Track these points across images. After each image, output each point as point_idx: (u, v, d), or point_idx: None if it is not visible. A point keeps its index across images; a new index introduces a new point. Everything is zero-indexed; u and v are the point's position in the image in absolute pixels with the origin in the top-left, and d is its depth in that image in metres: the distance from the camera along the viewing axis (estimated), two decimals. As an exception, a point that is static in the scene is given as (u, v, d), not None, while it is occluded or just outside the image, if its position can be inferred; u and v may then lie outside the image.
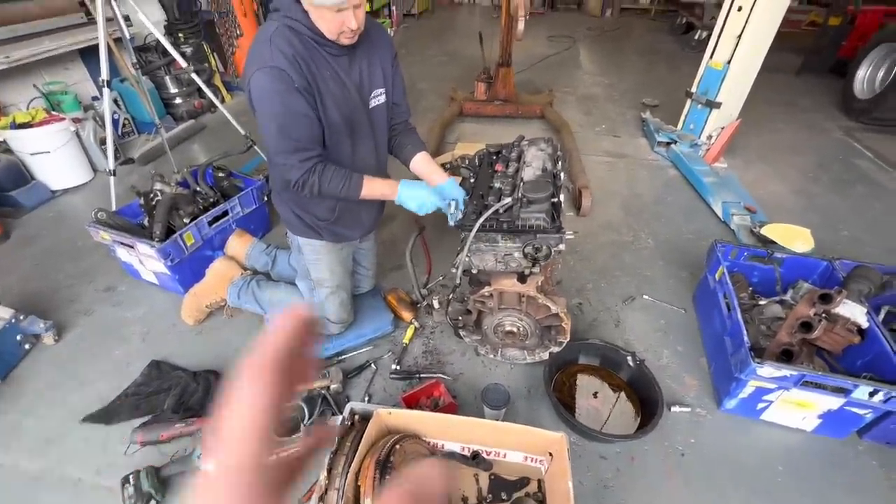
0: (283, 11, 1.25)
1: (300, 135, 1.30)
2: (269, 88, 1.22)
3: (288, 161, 1.32)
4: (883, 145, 3.68)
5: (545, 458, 1.35)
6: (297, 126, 1.28)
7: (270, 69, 1.21)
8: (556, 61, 5.72)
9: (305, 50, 1.26)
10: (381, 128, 1.57)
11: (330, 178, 1.36)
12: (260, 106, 1.26)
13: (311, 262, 1.73)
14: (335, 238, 1.67)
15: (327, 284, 1.75)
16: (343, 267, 1.77)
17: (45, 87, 3.07)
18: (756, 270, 2.00)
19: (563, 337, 1.61)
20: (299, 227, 1.64)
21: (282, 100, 1.23)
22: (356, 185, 1.41)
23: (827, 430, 1.58)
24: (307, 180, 1.34)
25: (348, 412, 1.36)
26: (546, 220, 1.30)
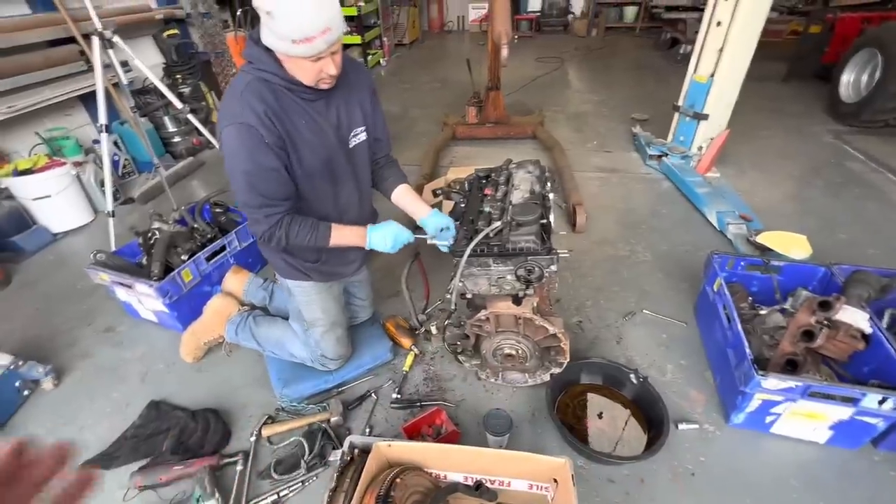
0: (254, 64, 1.24)
1: (268, 190, 1.29)
2: (238, 145, 1.22)
3: (254, 215, 1.32)
4: (873, 147, 3.71)
5: (550, 485, 1.31)
6: (266, 182, 1.28)
7: (239, 126, 1.20)
8: (545, 82, 5.84)
9: (278, 102, 1.25)
10: (363, 166, 1.56)
11: (297, 231, 1.37)
12: (230, 161, 1.26)
13: (302, 303, 1.70)
14: (325, 278, 1.66)
15: (321, 324, 1.72)
16: (336, 304, 1.76)
17: (46, 134, 3.15)
18: (755, 279, 1.99)
19: (563, 357, 1.59)
20: (287, 271, 1.62)
21: (250, 156, 1.23)
22: (324, 234, 1.41)
23: (840, 441, 1.54)
24: (273, 234, 1.35)
25: (348, 446, 1.33)
26: (536, 242, 1.31)
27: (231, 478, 1.52)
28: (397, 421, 1.72)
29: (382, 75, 6.57)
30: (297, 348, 1.82)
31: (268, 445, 1.64)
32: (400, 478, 1.22)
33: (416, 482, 1.28)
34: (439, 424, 1.64)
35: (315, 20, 1.10)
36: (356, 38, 6.27)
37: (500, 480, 1.35)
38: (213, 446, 1.63)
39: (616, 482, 1.49)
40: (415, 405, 1.75)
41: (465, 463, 1.34)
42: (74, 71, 3.24)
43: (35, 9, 3.15)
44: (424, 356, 1.98)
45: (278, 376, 1.82)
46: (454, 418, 1.70)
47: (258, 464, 1.59)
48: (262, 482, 1.53)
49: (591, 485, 1.48)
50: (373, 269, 2.23)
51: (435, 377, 1.89)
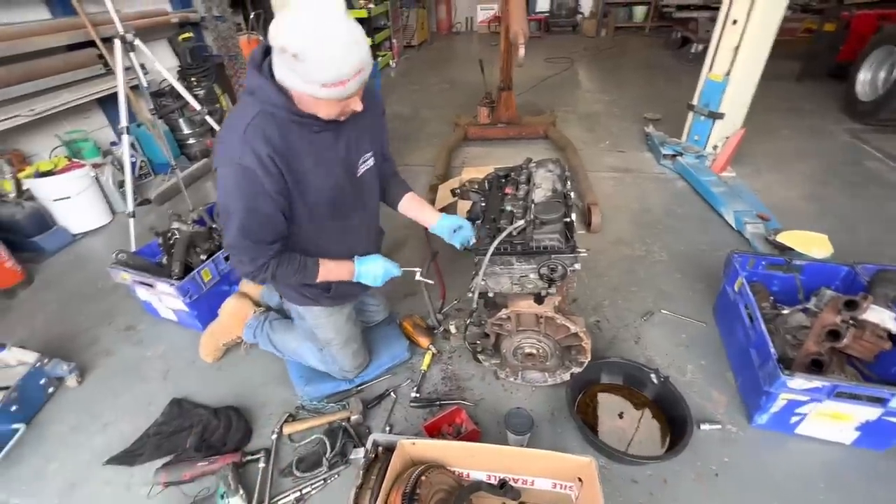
0: (258, 96, 1.13)
1: (259, 236, 1.24)
2: (235, 187, 1.14)
3: (239, 257, 1.28)
4: (891, 145, 3.66)
5: (575, 483, 1.31)
6: (259, 227, 1.22)
7: (238, 167, 1.12)
8: (555, 82, 5.83)
9: (284, 140, 1.16)
10: (371, 191, 1.52)
11: (284, 271, 1.34)
12: (224, 200, 1.20)
13: (314, 326, 1.68)
14: (335, 303, 1.62)
15: (336, 343, 1.70)
16: (349, 322, 1.72)
17: (66, 136, 3.20)
18: (775, 279, 1.97)
19: (584, 357, 1.59)
20: (296, 298, 1.59)
21: (247, 201, 1.16)
22: (312, 272, 1.39)
23: (867, 443, 1.51)
24: (257, 276, 1.31)
25: (371, 444, 1.34)
26: (560, 241, 1.31)
27: (254, 475, 1.54)
28: (416, 420, 1.72)
29: (392, 76, 6.60)
30: (313, 360, 1.82)
31: (289, 443, 1.66)
32: (425, 475, 1.22)
33: (441, 480, 1.28)
34: (459, 423, 1.65)
35: (350, 62, 1.03)
36: (366, 40, 6.30)
37: (523, 479, 1.35)
38: (236, 444, 1.64)
39: (639, 482, 1.48)
40: (434, 404, 1.76)
41: (488, 461, 1.34)
42: (93, 74, 3.30)
43: (55, 13, 3.21)
44: (442, 355, 1.98)
45: (299, 374, 1.83)
46: (474, 417, 1.70)
47: (280, 461, 1.60)
48: (285, 479, 1.54)
49: (614, 485, 1.47)
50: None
51: (453, 376, 1.89)
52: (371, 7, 6.12)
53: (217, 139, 1.22)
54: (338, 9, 1.02)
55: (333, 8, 1.02)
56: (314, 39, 0.98)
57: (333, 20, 1.00)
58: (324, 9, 1.00)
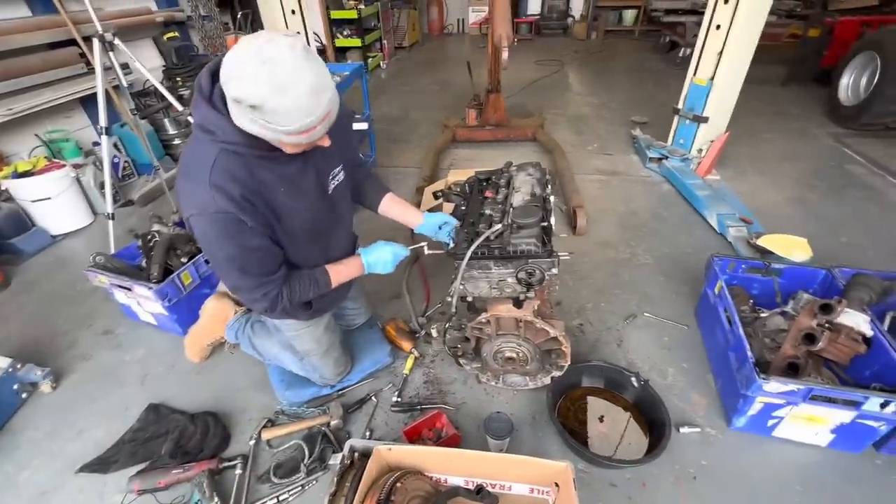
0: (218, 136, 1.02)
1: (260, 269, 1.21)
2: (217, 234, 1.08)
3: (252, 295, 1.25)
4: (873, 150, 3.72)
5: (551, 488, 1.31)
6: (257, 261, 1.19)
7: (213, 217, 1.05)
8: (545, 84, 5.85)
9: (252, 178, 1.09)
10: (345, 203, 1.48)
11: (298, 291, 1.32)
12: (209, 250, 1.15)
13: (292, 338, 1.65)
14: (314, 315, 1.59)
15: (315, 353, 1.68)
16: (328, 331, 1.69)
17: (46, 136, 3.15)
18: (756, 282, 1.99)
19: (564, 361, 1.59)
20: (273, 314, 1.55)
21: (233, 242, 1.10)
22: (325, 282, 1.39)
23: (842, 445, 1.53)
24: (276, 306, 1.29)
25: (348, 450, 1.33)
26: (537, 245, 1.31)
27: (230, 482, 1.52)
28: (398, 424, 1.71)
29: (383, 77, 6.58)
30: (294, 368, 1.79)
31: (267, 449, 1.64)
32: (400, 482, 1.21)
33: (417, 486, 1.27)
34: (440, 428, 1.64)
35: (317, 110, 0.94)
36: (356, 42, 6.28)
37: (501, 484, 1.35)
38: (213, 450, 1.62)
39: (618, 486, 1.48)
40: (415, 408, 1.75)
41: (465, 467, 1.34)
42: (74, 73, 3.25)
43: (35, 11, 3.15)
44: (424, 359, 1.97)
45: (280, 379, 1.81)
46: (455, 422, 1.69)
47: (258, 468, 1.58)
48: (262, 486, 1.52)
49: (593, 489, 1.47)
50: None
51: (435, 380, 1.88)
52: (361, 8, 6.10)
53: (179, 187, 1.10)
54: (297, 49, 0.89)
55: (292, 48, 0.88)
56: (275, 90, 0.87)
57: (293, 65, 0.87)
58: (281, 51, 0.87)
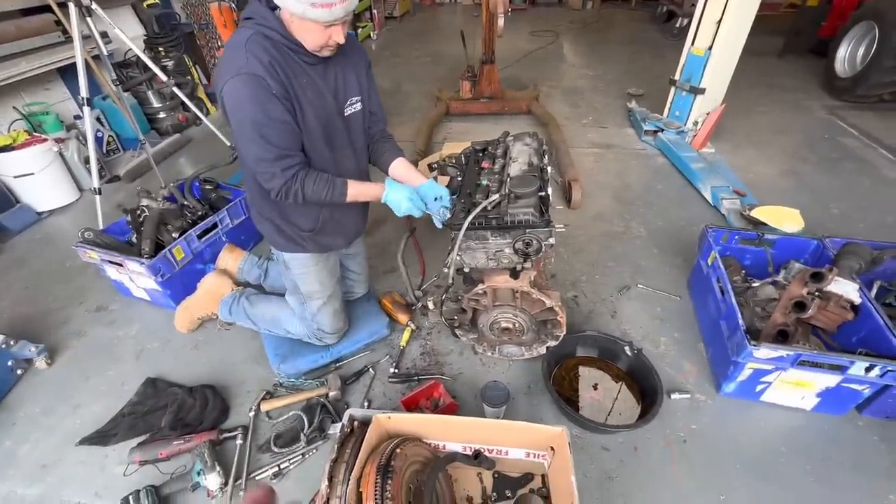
0: (256, 20, 1.22)
1: (281, 142, 1.26)
2: (247, 95, 1.19)
3: (270, 169, 1.28)
4: (867, 122, 3.71)
5: (547, 452, 1.34)
6: (278, 133, 1.25)
7: (247, 76, 1.17)
8: (539, 56, 5.72)
9: (281, 57, 1.23)
10: (359, 136, 1.54)
11: (314, 184, 1.34)
12: (237, 114, 1.22)
13: (298, 276, 1.68)
14: (320, 248, 1.64)
15: (318, 297, 1.71)
16: (332, 277, 1.75)
17: (25, 109, 3.03)
18: (748, 253, 2.01)
19: (560, 330, 1.61)
20: (282, 243, 1.60)
21: (261, 107, 1.20)
22: (341, 189, 1.39)
23: (826, 408, 1.58)
24: (290, 188, 1.32)
25: (347, 419, 1.34)
26: (534, 215, 1.30)
27: (231, 452, 1.54)
28: (395, 395, 1.73)
29: (373, 49, 6.38)
30: (293, 325, 1.81)
31: (267, 420, 1.66)
32: (400, 448, 1.23)
33: (416, 452, 1.29)
34: (437, 397, 1.66)
35: None
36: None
37: (497, 449, 1.38)
38: (212, 422, 1.63)
39: (611, 450, 1.53)
40: (412, 379, 1.77)
41: (463, 433, 1.36)
42: (51, 42, 3.10)
43: (5, -26, 2.98)
44: (421, 331, 1.99)
45: (275, 352, 1.81)
46: (452, 391, 1.72)
47: (258, 438, 1.60)
48: (262, 455, 1.54)
49: (587, 453, 1.52)
50: (368, 246, 2.21)
51: (432, 352, 1.90)
52: (350, -26, 5.85)
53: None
54: None
55: None
56: None
57: None
58: None
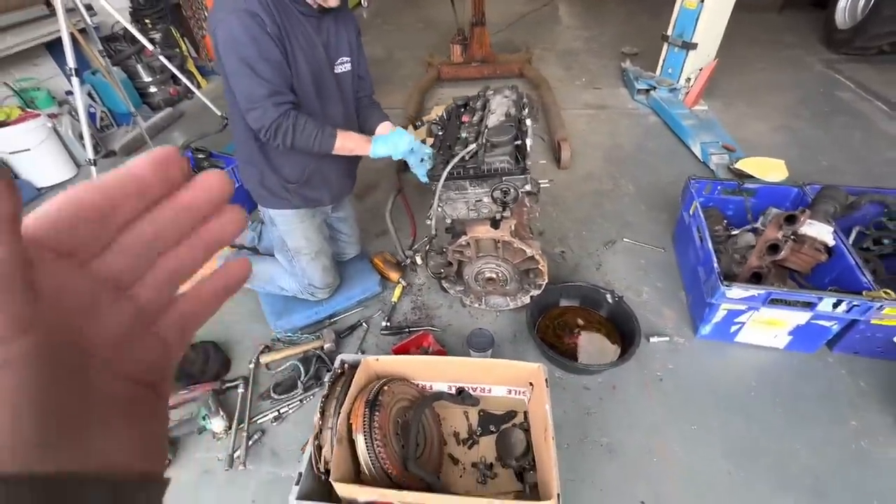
0: None
1: (274, 78, 1.28)
2: (242, 31, 1.22)
3: (262, 104, 1.30)
4: (864, 75, 3.66)
5: (527, 388, 1.43)
6: (272, 72, 1.28)
7: (243, 12, 1.21)
8: (533, 18, 5.58)
9: (277, 2, 1.27)
10: (348, 95, 1.59)
11: (304, 126, 1.35)
12: (231, 51, 1.24)
13: (285, 232, 1.73)
14: (305, 203, 1.67)
15: (305, 252, 1.76)
16: (318, 233, 1.79)
17: (16, 85, 3.05)
18: (731, 204, 2.04)
19: (542, 279, 1.67)
20: (268, 199, 1.64)
21: (255, 42, 1.23)
22: (329, 136, 1.40)
23: (798, 346, 1.65)
24: (281, 124, 1.32)
25: (338, 363, 1.43)
26: (510, 163, 1.34)
27: (233, 400, 1.64)
28: (387, 346, 1.81)
29: (364, 17, 6.24)
30: (285, 281, 1.88)
31: (266, 371, 1.75)
32: (387, 386, 1.32)
33: (403, 391, 1.38)
34: (427, 346, 1.74)
35: None
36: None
37: (481, 388, 1.46)
38: (214, 374, 1.73)
39: (591, 389, 1.62)
40: (403, 331, 1.85)
41: (448, 373, 1.45)
42: (35, 16, 3.09)
43: (-16, -54, 2.94)
44: (412, 288, 2.06)
45: (271, 309, 1.90)
46: (441, 341, 1.80)
47: (258, 387, 1.70)
48: (263, 402, 1.65)
49: (569, 392, 1.61)
50: (360, 210, 2.27)
51: (422, 306, 1.98)
52: (337, -62, 5.68)
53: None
54: None
55: None
56: None
57: None
58: None
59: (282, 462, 1.48)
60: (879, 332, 1.52)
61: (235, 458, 1.47)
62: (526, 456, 1.36)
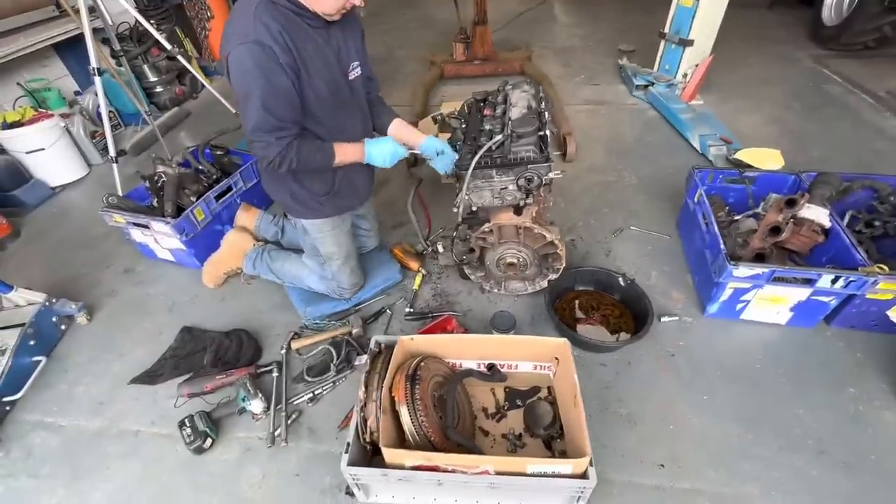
0: None
1: (282, 113, 1.31)
2: (252, 64, 1.22)
3: (265, 139, 1.33)
4: (850, 69, 3.81)
5: (552, 363, 1.52)
6: (280, 103, 1.29)
7: (253, 44, 1.20)
8: (530, 17, 5.68)
9: (288, 24, 1.27)
10: (362, 99, 1.63)
11: (306, 152, 1.40)
12: (242, 82, 1.25)
13: (317, 239, 1.78)
14: (338, 210, 1.72)
15: (337, 257, 1.83)
16: (348, 237, 1.85)
17: (28, 86, 3.08)
18: (732, 191, 2.16)
19: (560, 263, 1.77)
20: (299, 210, 1.68)
21: (265, 75, 1.23)
22: (329, 153, 1.46)
23: (798, 321, 1.77)
24: (284, 156, 1.37)
25: (374, 343, 1.51)
26: (535, 152, 1.43)
27: (268, 384, 1.72)
28: (411, 331, 1.90)
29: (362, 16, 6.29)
30: (313, 282, 1.96)
31: (297, 356, 1.83)
32: (424, 362, 1.41)
33: (437, 368, 1.47)
34: (450, 329, 1.84)
35: None
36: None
37: (508, 364, 1.56)
38: (248, 360, 1.81)
39: (607, 366, 1.72)
40: (426, 316, 1.94)
41: (477, 350, 1.54)
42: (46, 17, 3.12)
43: (-7, -52, 2.97)
44: (431, 276, 2.15)
45: (300, 298, 1.97)
46: (462, 325, 1.89)
47: (291, 371, 1.78)
48: (297, 385, 1.73)
49: (586, 369, 1.71)
50: (376, 204, 2.34)
51: (443, 293, 2.07)
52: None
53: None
54: None
55: None
56: None
57: None
58: None
59: (320, 439, 1.56)
60: (874, 306, 1.64)
61: (276, 436, 1.55)
62: (553, 425, 1.46)
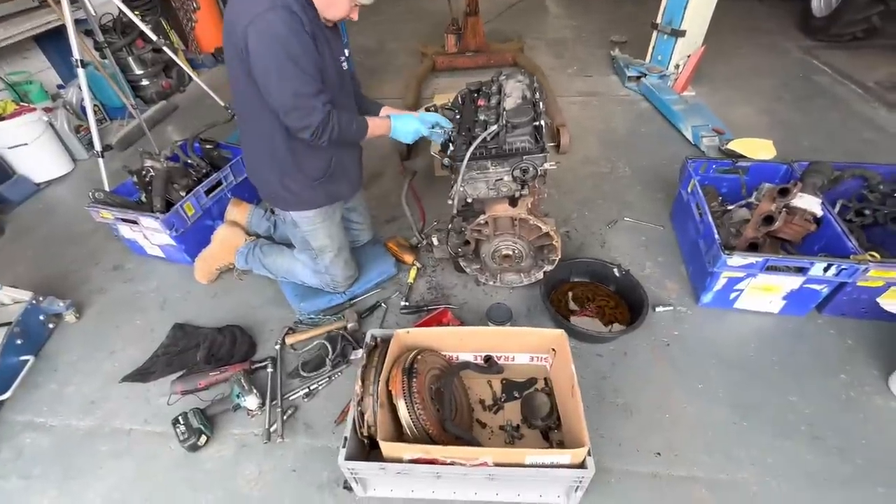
0: None
1: (318, 76, 1.31)
2: (285, 28, 1.20)
3: (310, 103, 1.31)
4: (839, 60, 3.84)
5: (549, 354, 1.52)
6: (314, 70, 1.29)
7: (283, 10, 1.18)
8: (522, 8, 5.65)
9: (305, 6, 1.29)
10: (352, 90, 1.65)
11: (345, 121, 1.42)
12: (274, 48, 1.21)
13: (308, 233, 1.75)
14: (329, 199, 1.68)
15: (330, 250, 1.80)
16: (340, 228, 1.83)
17: (9, 78, 2.99)
18: (725, 182, 2.17)
19: (555, 255, 1.77)
20: (290, 200, 1.64)
21: (299, 40, 1.22)
22: (363, 124, 1.51)
23: (791, 309, 1.79)
24: (328, 122, 1.35)
25: (370, 337, 1.50)
26: (531, 142, 1.42)
27: (263, 379, 1.69)
28: (408, 324, 1.89)
29: (352, 8, 6.21)
30: (306, 276, 1.93)
31: (292, 352, 1.81)
32: (420, 355, 1.40)
33: (434, 361, 1.46)
34: (446, 322, 1.83)
35: None
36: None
37: (505, 356, 1.56)
38: (242, 356, 1.79)
39: (603, 356, 1.73)
40: (422, 310, 1.93)
41: (474, 342, 1.53)
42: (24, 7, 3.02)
43: (-32, -64, 2.87)
44: (426, 269, 2.14)
45: (294, 293, 1.95)
46: (458, 317, 1.88)
47: (286, 366, 1.76)
48: (292, 380, 1.71)
49: (583, 359, 1.71)
50: (368, 198, 2.32)
51: (438, 286, 2.06)
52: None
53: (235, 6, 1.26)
54: None
55: None
56: None
57: None
58: None
59: (317, 434, 1.55)
60: (864, 293, 1.66)
61: (272, 432, 1.54)
62: (550, 416, 1.46)
